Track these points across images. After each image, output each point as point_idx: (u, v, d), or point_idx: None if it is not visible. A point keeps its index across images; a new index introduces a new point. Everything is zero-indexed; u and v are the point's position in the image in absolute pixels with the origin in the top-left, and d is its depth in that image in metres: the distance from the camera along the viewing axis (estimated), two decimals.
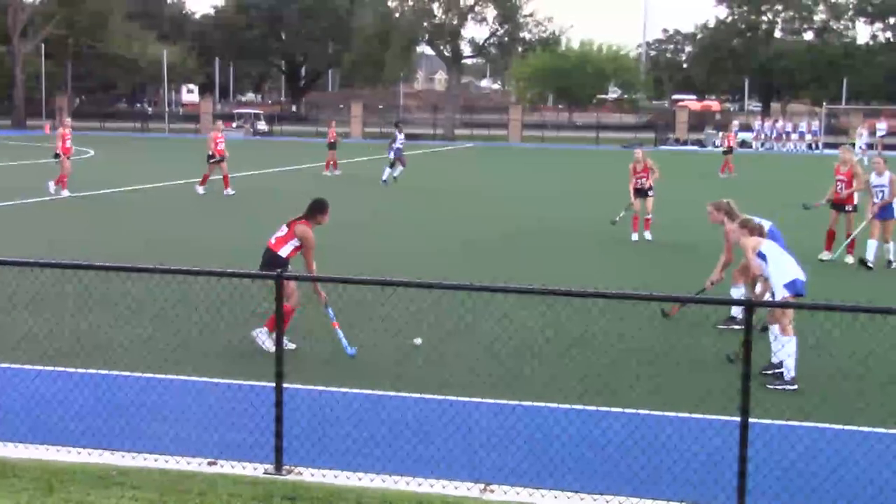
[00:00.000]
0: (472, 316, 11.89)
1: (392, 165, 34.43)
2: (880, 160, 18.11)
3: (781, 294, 10.04)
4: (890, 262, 17.63)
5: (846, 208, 18.43)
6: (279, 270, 8.16)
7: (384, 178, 33.99)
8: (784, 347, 9.97)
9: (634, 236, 20.73)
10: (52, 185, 27.97)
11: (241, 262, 12.40)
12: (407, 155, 37.00)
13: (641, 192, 20.78)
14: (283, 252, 10.96)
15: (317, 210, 11.22)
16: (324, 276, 9.61)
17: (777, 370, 10.12)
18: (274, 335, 10.37)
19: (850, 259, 18.00)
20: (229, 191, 29.08)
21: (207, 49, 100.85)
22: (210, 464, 7.63)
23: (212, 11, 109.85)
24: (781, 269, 10.21)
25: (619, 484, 7.33)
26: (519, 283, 9.59)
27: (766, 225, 11.54)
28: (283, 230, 11.15)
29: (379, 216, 24.91)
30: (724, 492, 7.07)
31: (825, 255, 18.14)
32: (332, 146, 39.22)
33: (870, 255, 17.39)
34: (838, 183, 18.53)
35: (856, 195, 18.45)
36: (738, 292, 12.22)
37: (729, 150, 42.76)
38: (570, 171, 44.12)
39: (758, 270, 10.54)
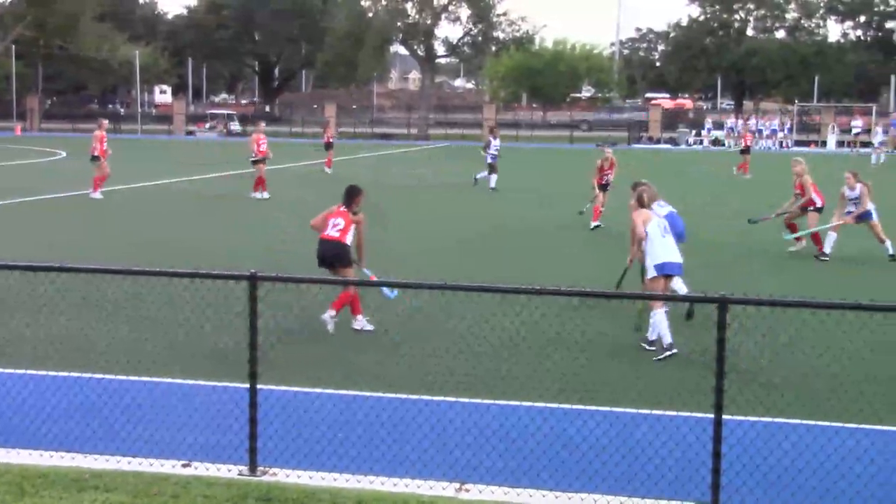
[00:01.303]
0: (445, 315, 11.91)
1: (491, 171, 32.34)
2: (850, 175, 18.58)
3: (650, 272, 11.27)
4: (893, 257, 18.23)
5: (809, 209, 19.24)
6: (253, 272, 8.12)
7: (492, 185, 31.90)
8: (656, 321, 11.04)
9: (593, 224, 22.49)
10: (93, 193, 27.83)
11: (223, 264, 12.35)
12: (382, 154, 36.98)
13: (604, 187, 23.09)
14: (349, 240, 12.01)
15: (356, 195, 12.32)
16: (302, 278, 9.57)
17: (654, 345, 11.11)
18: (359, 317, 11.75)
19: (794, 247, 19.03)
20: (265, 194, 28.09)
21: (180, 49, 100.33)
22: (184, 466, 7.60)
23: (184, 11, 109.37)
24: (655, 251, 11.28)
25: (594, 482, 7.35)
26: (495, 282, 9.59)
27: (667, 210, 12.59)
28: (340, 220, 12.03)
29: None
30: (699, 488, 7.10)
31: (823, 256, 18.43)
32: (328, 146, 40.58)
33: (828, 248, 18.27)
34: (795, 196, 19.71)
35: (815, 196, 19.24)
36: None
37: (746, 150, 41.55)
38: (544, 169, 44.16)
39: (641, 235, 11.47)
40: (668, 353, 10.91)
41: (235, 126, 79.32)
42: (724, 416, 6.98)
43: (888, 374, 10.04)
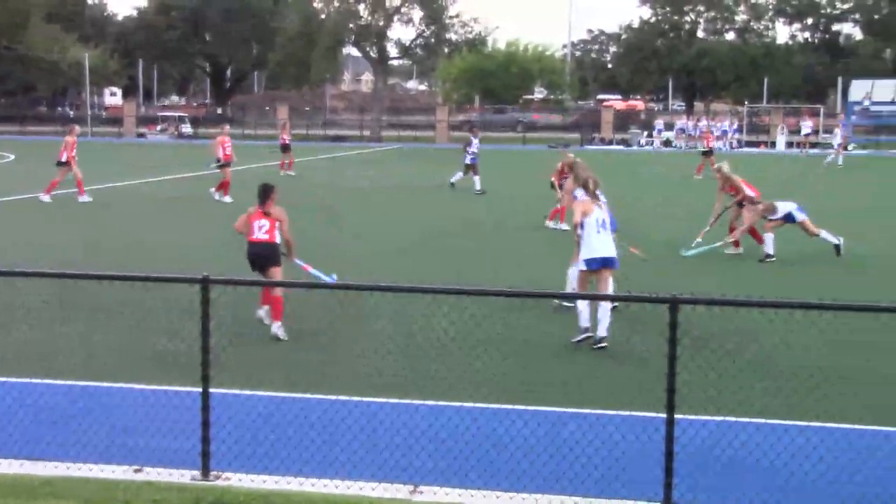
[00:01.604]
0: (391, 316, 11.90)
1: (473, 173, 31.61)
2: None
3: (581, 265, 11.77)
4: (838, 248, 18.47)
5: (742, 203, 19.32)
6: (205, 275, 8.07)
7: (477, 187, 31.21)
8: (584, 307, 11.47)
9: (550, 224, 22.22)
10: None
11: (178, 267, 12.27)
12: (336, 157, 36.95)
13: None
14: (278, 239, 12.09)
15: (269, 192, 12.28)
16: (254, 280, 9.55)
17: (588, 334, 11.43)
18: (278, 323, 11.64)
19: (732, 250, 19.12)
20: (226, 198, 27.86)
21: (130, 51, 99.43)
22: (136, 471, 7.53)
23: (134, 13, 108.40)
24: (591, 244, 11.70)
25: (549, 482, 7.37)
26: (435, 283, 9.61)
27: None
28: (265, 222, 12.08)
29: (303, 216, 24.78)
30: (652, 487, 7.15)
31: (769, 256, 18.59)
32: (285, 148, 39.88)
33: (770, 249, 18.31)
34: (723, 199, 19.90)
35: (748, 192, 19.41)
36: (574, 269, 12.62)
37: (709, 152, 40.87)
38: (496, 170, 44.21)
39: (576, 222, 12.00)
40: (584, 336, 11.40)
41: (187, 128, 78.72)
42: (677, 416, 7.04)
43: (838, 372, 10.16)
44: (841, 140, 51.83)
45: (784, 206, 18.75)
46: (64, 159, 27.98)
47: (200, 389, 7.57)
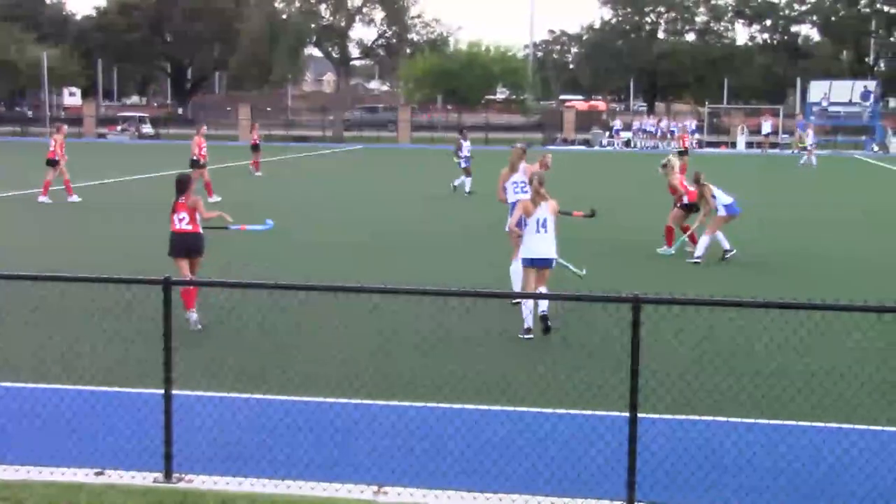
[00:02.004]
0: (356, 317, 11.88)
1: (465, 175, 31.45)
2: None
3: (523, 262, 12.22)
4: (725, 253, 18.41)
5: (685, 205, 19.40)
6: (167, 277, 8.03)
7: (467, 189, 31.05)
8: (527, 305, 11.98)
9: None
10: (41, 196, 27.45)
11: (141, 268, 12.18)
12: (298, 157, 36.96)
13: None
14: (200, 228, 12.64)
15: (187, 183, 12.79)
16: (215, 281, 9.51)
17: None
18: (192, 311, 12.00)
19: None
20: (213, 198, 27.56)
21: (90, 51, 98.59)
22: (97, 474, 7.48)
23: (93, 13, 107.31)
24: (529, 244, 12.13)
25: (511, 481, 7.39)
26: (406, 283, 9.61)
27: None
28: (184, 213, 12.53)
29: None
30: (615, 486, 7.19)
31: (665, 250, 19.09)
32: (255, 148, 39.95)
33: (726, 245, 18.30)
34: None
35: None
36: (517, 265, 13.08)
37: (684, 152, 40.28)
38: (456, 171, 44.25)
39: (512, 224, 12.72)
40: (527, 336, 11.79)
41: (147, 128, 78.19)
42: (639, 415, 7.08)
43: (797, 370, 10.25)
44: (814, 141, 52.20)
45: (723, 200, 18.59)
46: (56, 158, 27.87)
47: (163, 391, 7.53)
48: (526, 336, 11.83)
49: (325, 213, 26.42)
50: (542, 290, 11.91)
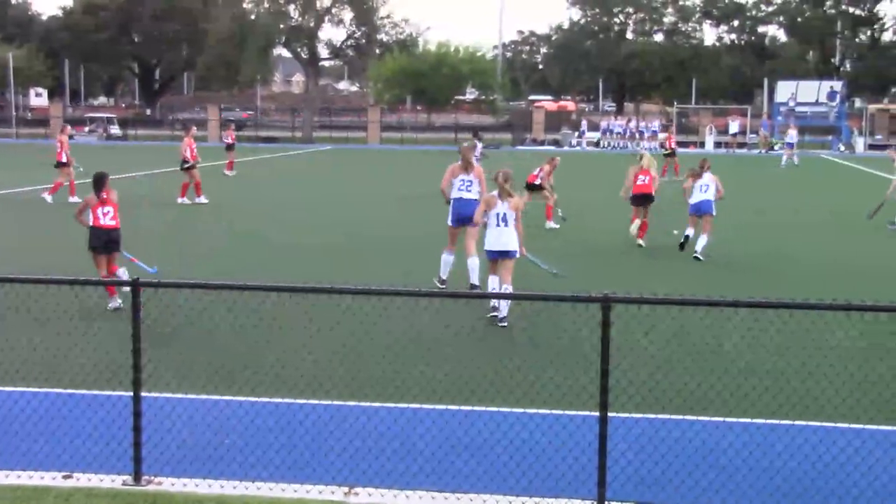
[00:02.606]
0: (326, 318, 11.85)
1: None
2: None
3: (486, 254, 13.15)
4: (682, 245, 18.85)
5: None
6: (136, 278, 7.99)
7: None
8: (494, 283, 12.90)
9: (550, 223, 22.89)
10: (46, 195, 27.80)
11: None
12: (268, 158, 37.03)
13: (537, 188, 22.86)
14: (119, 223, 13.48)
15: (105, 179, 13.58)
16: (185, 283, 9.43)
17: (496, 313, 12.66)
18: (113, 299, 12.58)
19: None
20: (202, 199, 27.83)
21: (56, 51, 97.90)
22: (65, 477, 7.42)
23: (60, 13, 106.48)
24: (489, 236, 12.98)
25: (483, 482, 7.40)
26: (380, 283, 9.59)
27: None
28: (109, 208, 13.31)
29: (224, 217, 24.63)
30: (585, 485, 7.21)
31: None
32: (229, 147, 40.65)
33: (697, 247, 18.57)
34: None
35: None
36: (449, 257, 14.89)
37: (671, 153, 40.38)
38: (427, 171, 44.30)
39: (477, 220, 13.55)
40: (494, 312, 12.73)
41: (115, 129, 77.70)
42: (610, 414, 7.10)
43: (765, 369, 10.31)
44: (793, 140, 52.73)
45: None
46: (64, 160, 28.18)
47: (132, 393, 7.48)
48: (493, 314, 12.67)
49: (297, 213, 26.36)
50: (507, 287, 12.57)
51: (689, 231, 18.76)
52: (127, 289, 8.16)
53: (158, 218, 24.48)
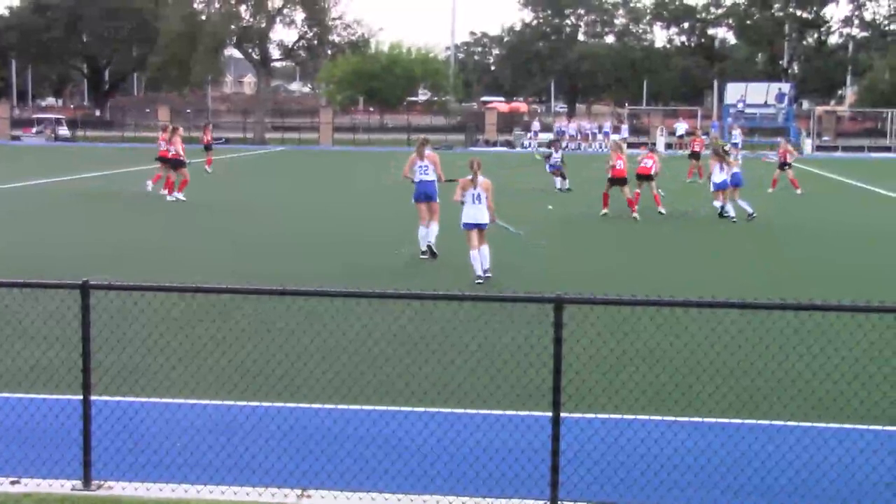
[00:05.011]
0: (276, 319, 11.80)
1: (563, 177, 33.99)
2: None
3: (462, 227, 15.88)
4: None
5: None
6: (85, 281, 7.88)
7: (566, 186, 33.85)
8: (476, 260, 15.69)
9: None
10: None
11: (70, 272, 11.93)
12: (222, 159, 37.19)
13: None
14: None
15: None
16: (135, 286, 9.36)
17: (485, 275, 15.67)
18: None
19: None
20: (180, 195, 28.77)
21: (3, 51, 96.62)
22: (13, 483, 7.33)
23: (6, 12, 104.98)
24: (467, 212, 15.82)
25: (436, 483, 7.39)
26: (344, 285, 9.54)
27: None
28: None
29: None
30: (538, 486, 7.23)
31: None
32: (207, 148, 42.49)
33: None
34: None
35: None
36: (424, 230, 18.21)
37: (787, 165, 36.36)
38: (377, 172, 44.31)
39: (458, 196, 16.10)
40: (479, 281, 15.50)
41: (64, 131, 76.87)
42: (563, 414, 7.12)
43: (727, 368, 10.37)
44: (738, 140, 53.78)
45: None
46: (182, 158, 29.00)
47: (81, 397, 7.40)
48: (478, 282, 15.45)
49: (261, 212, 26.21)
50: (485, 247, 15.75)
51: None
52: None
53: (158, 217, 24.23)
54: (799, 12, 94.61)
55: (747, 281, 16.37)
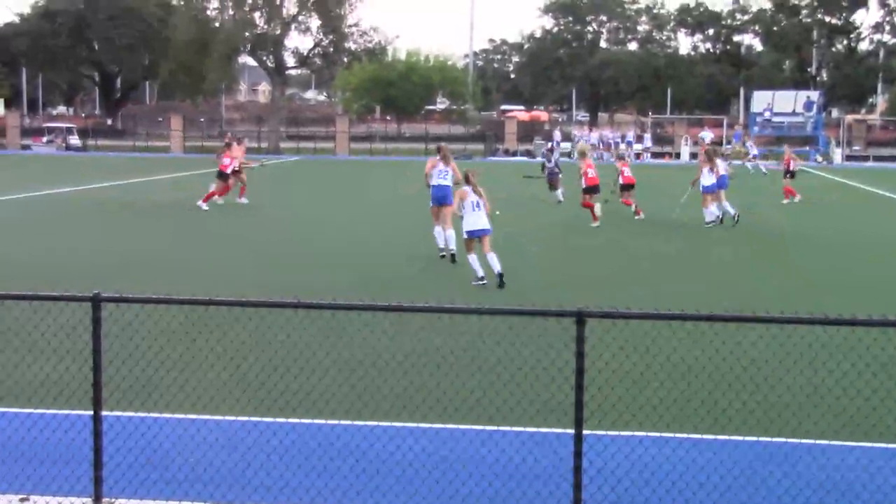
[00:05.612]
0: (299, 334, 11.81)
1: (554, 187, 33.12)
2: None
3: (464, 234, 16.77)
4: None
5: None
6: (96, 293, 7.91)
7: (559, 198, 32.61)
8: (475, 262, 16.60)
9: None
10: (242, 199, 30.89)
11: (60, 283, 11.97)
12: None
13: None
14: None
15: None
16: (147, 298, 9.38)
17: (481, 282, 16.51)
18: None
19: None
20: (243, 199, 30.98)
21: (12, 59, 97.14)
22: (22, 500, 7.35)
23: (16, 19, 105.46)
24: (468, 220, 16.62)
25: (454, 501, 7.38)
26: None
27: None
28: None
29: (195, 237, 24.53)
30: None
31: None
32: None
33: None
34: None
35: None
36: (438, 229, 19.59)
37: (790, 174, 35.15)
38: (394, 181, 44.34)
39: (456, 209, 17.21)
40: (481, 282, 16.46)
41: (75, 140, 77.21)
42: (585, 431, 7.09)
43: (753, 384, 10.32)
44: (755, 150, 54.67)
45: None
46: (229, 171, 30.34)
47: (91, 413, 7.42)
48: (479, 283, 16.40)
49: (277, 222, 26.27)
50: (492, 254, 16.38)
51: None
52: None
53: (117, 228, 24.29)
54: (827, 18, 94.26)
55: (764, 292, 16.31)
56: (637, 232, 24.91)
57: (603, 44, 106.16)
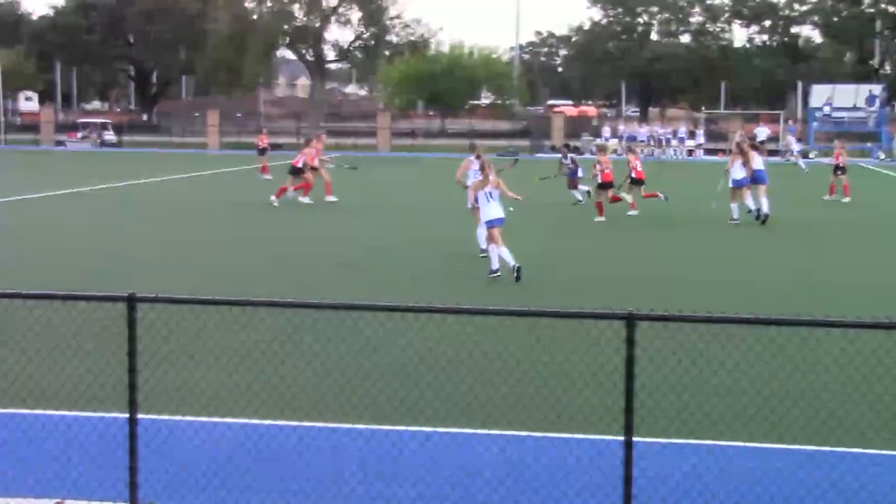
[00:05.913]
0: (341, 336, 11.85)
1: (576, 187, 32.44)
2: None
3: (484, 225, 17.65)
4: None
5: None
6: (132, 293, 7.96)
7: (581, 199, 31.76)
8: (494, 253, 17.24)
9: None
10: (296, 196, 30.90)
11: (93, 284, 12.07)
12: (272, 165, 37.63)
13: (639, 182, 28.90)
14: None
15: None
16: (184, 298, 9.44)
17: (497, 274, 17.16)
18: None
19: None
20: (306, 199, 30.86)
21: (47, 53, 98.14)
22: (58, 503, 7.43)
23: (51, 12, 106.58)
24: (484, 211, 17.55)
25: None
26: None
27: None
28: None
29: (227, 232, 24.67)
30: None
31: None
32: (262, 152, 44.30)
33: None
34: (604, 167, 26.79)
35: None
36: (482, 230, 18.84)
37: (841, 170, 34.32)
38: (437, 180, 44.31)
39: (472, 199, 18.79)
40: (495, 275, 17.11)
41: (110, 136, 77.83)
42: (635, 438, 7.06)
43: (812, 391, 10.23)
44: (797, 147, 54.54)
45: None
46: (300, 165, 31.18)
47: (127, 415, 7.47)
48: (493, 276, 17.03)
49: (324, 219, 26.38)
50: (503, 248, 16.92)
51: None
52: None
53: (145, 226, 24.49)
54: (891, 8, 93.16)
55: (794, 291, 16.18)
56: (672, 231, 24.77)
57: (654, 36, 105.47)
